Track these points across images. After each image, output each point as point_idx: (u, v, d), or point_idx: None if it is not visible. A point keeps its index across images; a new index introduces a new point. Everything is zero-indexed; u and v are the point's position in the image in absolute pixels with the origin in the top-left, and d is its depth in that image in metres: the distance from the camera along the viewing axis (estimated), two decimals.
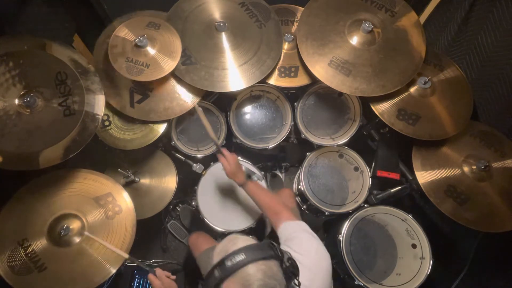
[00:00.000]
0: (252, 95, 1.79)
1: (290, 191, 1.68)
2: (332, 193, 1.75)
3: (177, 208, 2.04)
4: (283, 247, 0.98)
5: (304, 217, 1.60)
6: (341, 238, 1.53)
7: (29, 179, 1.32)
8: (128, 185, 1.63)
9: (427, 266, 1.47)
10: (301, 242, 1.00)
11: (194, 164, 1.71)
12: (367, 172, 1.67)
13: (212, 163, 1.67)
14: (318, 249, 0.99)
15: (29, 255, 1.22)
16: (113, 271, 1.25)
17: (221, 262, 0.78)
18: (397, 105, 1.50)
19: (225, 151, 1.35)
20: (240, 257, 0.77)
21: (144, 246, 1.98)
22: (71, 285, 1.22)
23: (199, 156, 1.69)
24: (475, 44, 1.58)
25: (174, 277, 1.16)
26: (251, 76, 1.51)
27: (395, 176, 1.62)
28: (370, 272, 1.59)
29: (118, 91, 1.50)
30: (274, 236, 1.17)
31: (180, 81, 1.50)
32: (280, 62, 1.63)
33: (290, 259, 0.84)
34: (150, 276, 1.14)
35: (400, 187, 1.65)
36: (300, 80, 1.63)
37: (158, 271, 1.14)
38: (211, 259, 0.85)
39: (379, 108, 1.50)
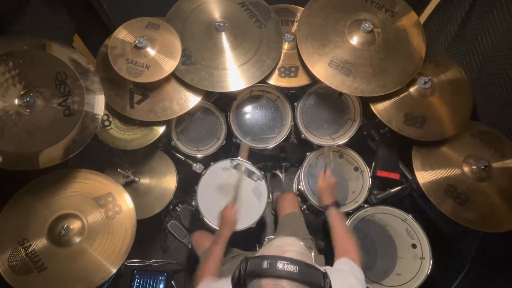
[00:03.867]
0: (252, 95, 1.78)
1: (293, 195, 1.67)
2: None
3: (177, 208, 2.05)
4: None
5: (304, 217, 1.60)
6: None
7: (29, 179, 1.32)
8: (128, 185, 1.63)
9: (427, 266, 1.46)
10: (343, 281, 0.96)
11: (194, 164, 1.71)
12: (367, 172, 1.67)
13: (212, 163, 1.67)
14: None
15: (29, 255, 1.22)
16: (113, 271, 1.25)
17: (274, 260, 0.74)
18: (402, 110, 1.48)
19: (328, 172, 1.43)
20: (292, 268, 0.73)
21: (144, 246, 1.98)
22: (71, 285, 1.23)
23: (199, 156, 1.69)
24: (475, 44, 1.58)
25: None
26: (251, 76, 1.51)
27: (395, 176, 1.62)
28: (370, 272, 1.59)
29: (117, 92, 1.50)
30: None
31: (180, 81, 1.50)
32: (280, 62, 1.63)
33: None
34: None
35: (400, 187, 1.65)
36: (300, 80, 1.63)
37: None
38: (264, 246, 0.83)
39: (379, 108, 1.50)
